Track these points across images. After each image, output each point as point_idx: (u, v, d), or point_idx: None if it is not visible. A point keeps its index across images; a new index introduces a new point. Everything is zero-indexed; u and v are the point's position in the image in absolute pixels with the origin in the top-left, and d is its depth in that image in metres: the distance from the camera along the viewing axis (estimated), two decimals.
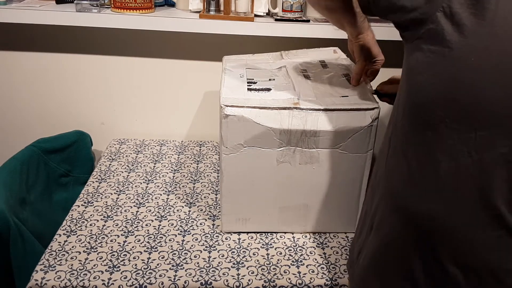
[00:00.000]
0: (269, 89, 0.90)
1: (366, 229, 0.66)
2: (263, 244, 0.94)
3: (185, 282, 0.83)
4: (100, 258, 0.87)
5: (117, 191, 1.10)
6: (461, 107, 0.47)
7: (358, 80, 0.90)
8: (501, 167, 0.47)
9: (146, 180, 1.15)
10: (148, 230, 0.96)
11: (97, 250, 0.89)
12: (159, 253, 0.90)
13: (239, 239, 0.95)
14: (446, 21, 0.47)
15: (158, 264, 0.86)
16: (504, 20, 0.44)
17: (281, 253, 0.92)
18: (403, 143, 0.56)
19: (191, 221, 1.00)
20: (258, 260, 0.89)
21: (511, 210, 0.48)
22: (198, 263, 0.88)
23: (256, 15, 1.22)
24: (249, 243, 0.94)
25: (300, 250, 0.93)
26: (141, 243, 0.92)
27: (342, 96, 0.89)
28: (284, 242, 0.95)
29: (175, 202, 1.07)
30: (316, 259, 0.91)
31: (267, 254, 0.91)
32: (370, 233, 0.64)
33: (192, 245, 0.93)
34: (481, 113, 0.46)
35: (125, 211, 1.03)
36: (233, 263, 0.88)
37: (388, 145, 0.60)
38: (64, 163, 1.22)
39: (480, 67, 0.45)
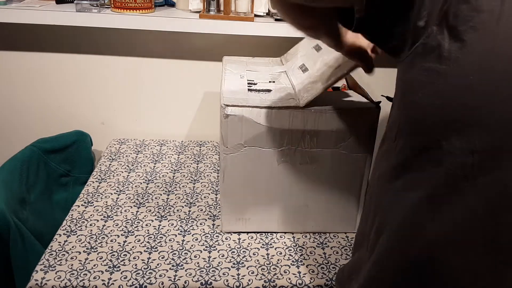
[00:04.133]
0: (269, 90, 0.90)
1: (363, 251, 0.61)
2: (263, 244, 0.94)
3: (185, 282, 0.83)
4: (100, 258, 0.87)
5: (117, 191, 1.10)
6: (459, 128, 0.43)
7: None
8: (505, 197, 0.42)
9: (146, 180, 1.15)
10: (148, 230, 0.96)
11: (97, 250, 0.89)
12: (159, 253, 0.90)
13: (239, 239, 0.95)
14: (442, 35, 0.43)
15: (158, 264, 0.87)
16: (507, 35, 0.40)
17: (281, 253, 0.92)
18: (397, 165, 0.51)
19: (191, 221, 1.00)
20: (258, 260, 0.89)
21: None
22: (198, 263, 0.88)
23: (256, 15, 1.22)
24: (249, 243, 0.94)
25: (300, 250, 0.93)
26: (141, 243, 0.92)
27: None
28: (284, 242, 0.95)
29: (175, 202, 1.07)
30: (316, 259, 0.91)
31: (267, 254, 0.91)
32: (367, 259, 0.58)
33: (192, 245, 0.93)
34: (481, 134, 0.42)
35: (125, 211, 1.03)
36: (233, 263, 0.88)
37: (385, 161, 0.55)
38: (64, 163, 1.22)
39: (480, 86, 0.41)
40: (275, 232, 0.98)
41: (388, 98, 0.86)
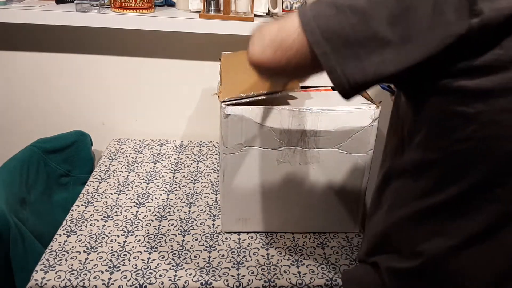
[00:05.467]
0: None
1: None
2: (263, 244, 0.94)
3: (185, 282, 0.83)
4: (100, 258, 0.87)
5: (117, 191, 1.10)
6: None
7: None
8: None
9: (146, 180, 1.15)
10: (148, 230, 0.96)
11: (97, 250, 0.89)
12: (159, 253, 0.90)
13: (239, 239, 0.95)
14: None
15: (158, 264, 0.86)
16: None
17: (281, 253, 0.92)
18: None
19: (191, 221, 1.00)
20: (258, 260, 0.89)
21: None
22: (198, 263, 0.88)
23: (256, 15, 1.22)
24: (249, 243, 0.94)
25: (300, 250, 0.93)
26: (141, 243, 0.92)
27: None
28: (284, 242, 0.95)
29: (175, 202, 1.07)
30: (316, 259, 0.91)
31: (267, 254, 0.91)
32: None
33: (192, 245, 0.93)
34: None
35: (125, 211, 1.03)
36: (233, 263, 0.88)
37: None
38: (64, 163, 1.22)
39: None
40: (275, 232, 0.98)
41: (389, 88, 0.86)
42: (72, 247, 0.90)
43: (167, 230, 0.97)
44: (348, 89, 0.47)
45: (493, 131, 0.44)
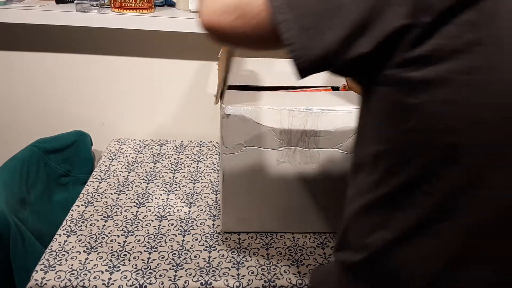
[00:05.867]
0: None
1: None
2: (263, 244, 0.94)
3: (185, 282, 0.83)
4: (100, 258, 0.87)
5: (117, 191, 1.10)
6: None
7: None
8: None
9: (146, 180, 1.15)
10: (148, 230, 0.96)
11: (97, 250, 0.89)
12: (159, 253, 0.90)
13: (239, 239, 0.95)
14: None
15: (158, 264, 0.87)
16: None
17: (281, 253, 0.92)
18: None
19: (191, 221, 1.00)
20: (258, 260, 0.89)
21: None
22: (198, 263, 0.88)
23: None
24: (249, 243, 0.94)
25: (300, 250, 0.93)
26: (141, 243, 0.92)
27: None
28: (284, 242, 0.95)
29: (175, 202, 1.07)
30: (316, 259, 0.91)
31: (267, 254, 0.91)
32: None
33: (192, 245, 0.93)
34: None
35: (125, 211, 1.03)
36: (233, 263, 0.88)
37: None
38: (64, 163, 1.22)
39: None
40: (275, 232, 0.98)
41: None
42: (72, 247, 0.90)
43: (167, 230, 0.97)
44: (306, 63, 0.45)
45: (434, 123, 0.43)
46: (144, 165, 1.22)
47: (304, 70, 0.46)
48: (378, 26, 0.41)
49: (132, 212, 1.02)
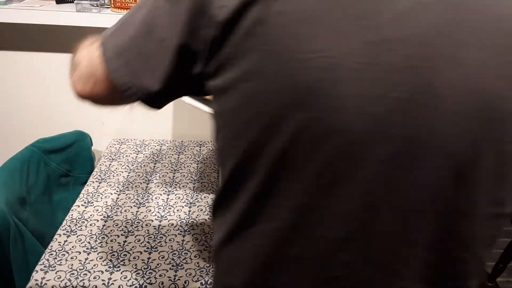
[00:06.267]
0: None
1: None
2: None
3: (185, 282, 0.83)
4: (100, 258, 0.87)
5: (117, 191, 1.10)
6: None
7: None
8: None
9: (146, 180, 1.15)
10: (148, 230, 0.96)
11: (97, 250, 0.89)
12: (159, 253, 0.90)
13: None
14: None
15: (158, 264, 0.87)
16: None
17: None
18: None
19: (191, 221, 1.00)
20: None
21: None
22: (198, 263, 0.88)
23: None
24: None
25: None
26: (141, 243, 0.92)
27: None
28: None
29: (175, 202, 1.07)
30: None
31: None
32: None
33: (192, 245, 0.93)
34: None
35: (125, 211, 1.03)
36: None
37: None
38: (64, 163, 1.22)
39: None
40: None
41: None
42: (72, 247, 0.90)
43: (167, 230, 0.97)
44: (150, 100, 0.51)
45: (230, 130, 0.45)
46: (144, 165, 1.22)
47: (154, 105, 0.52)
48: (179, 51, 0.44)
49: (132, 212, 1.02)
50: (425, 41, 0.38)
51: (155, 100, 0.51)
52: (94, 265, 0.85)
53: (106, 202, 1.06)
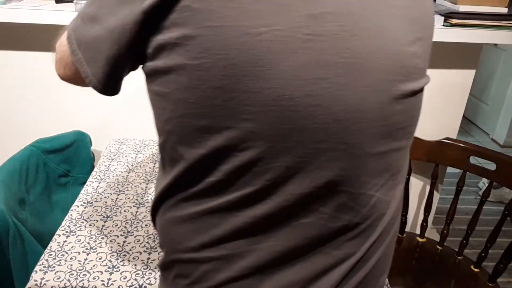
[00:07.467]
0: None
1: None
2: None
3: None
4: (99, 259, 0.87)
5: (116, 191, 1.10)
6: None
7: None
8: None
9: (145, 180, 1.15)
10: (147, 231, 0.96)
11: (96, 251, 0.89)
12: (158, 254, 0.89)
13: None
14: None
15: (158, 265, 0.86)
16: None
17: None
18: None
19: None
20: None
21: None
22: None
23: None
24: None
25: None
26: (140, 244, 0.92)
27: None
28: None
29: None
30: None
31: None
32: None
33: None
34: None
35: (124, 211, 1.02)
36: None
37: None
38: (63, 163, 1.22)
39: None
40: None
41: None
42: (72, 247, 0.90)
43: None
44: (101, 87, 0.53)
45: (181, 110, 0.46)
46: (143, 165, 1.22)
47: (105, 92, 0.54)
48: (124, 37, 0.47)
49: (131, 212, 1.02)
50: (353, 11, 0.44)
51: (107, 87, 0.54)
52: (94, 266, 0.85)
53: (106, 202, 1.05)
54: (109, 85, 0.53)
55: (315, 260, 0.50)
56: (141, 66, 0.51)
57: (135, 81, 1.34)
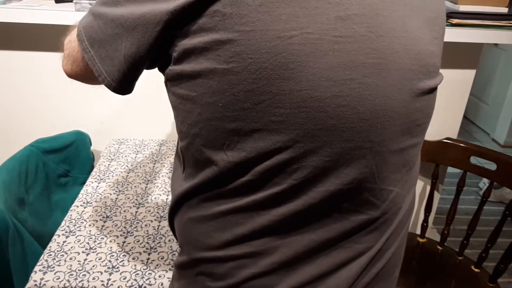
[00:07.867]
0: None
1: None
2: None
3: None
4: (99, 259, 0.87)
5: (116, 191, 1.10)
6: None
7: None
8: None
9: (145, 180, 1.15)
10: (147, 231, 0.96)
11: (96, 251, 0.89)
12: (158, 254, 0.89)
13: None
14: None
15: (157, 265, 0.86)
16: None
17: None
18: None
19: None
20: None
21: None
22: None
23: None
24: None
25: None
26: (140, 244, 0.92)
27: None
28: None
29: None
30: None
31: None
32: None
33: None
34: None
35: (124, 211, 1.02)
36: None
37: None
38: (63, 163, 1.22)
39: None
40: None
41: None
42: (71, 247, 0.90)
43: (166, 230, 0.96)
44: (116, 86, 0.52)
45: (209, 113, 0.46)
46: (143, 165, 1.22)
47: (118, 91, 0.53)
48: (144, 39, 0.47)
49: (131, 213, 1.02)
50: (378, 13, 0.45)
51: (122, 87, 0.54)
52: (93, 266, 0.85)
53: (105, 202, 1.05)
54: (124, 85, 0.53)
55: (336, 254, 0.51)
56: (157, 67, 0.51)
57: None
